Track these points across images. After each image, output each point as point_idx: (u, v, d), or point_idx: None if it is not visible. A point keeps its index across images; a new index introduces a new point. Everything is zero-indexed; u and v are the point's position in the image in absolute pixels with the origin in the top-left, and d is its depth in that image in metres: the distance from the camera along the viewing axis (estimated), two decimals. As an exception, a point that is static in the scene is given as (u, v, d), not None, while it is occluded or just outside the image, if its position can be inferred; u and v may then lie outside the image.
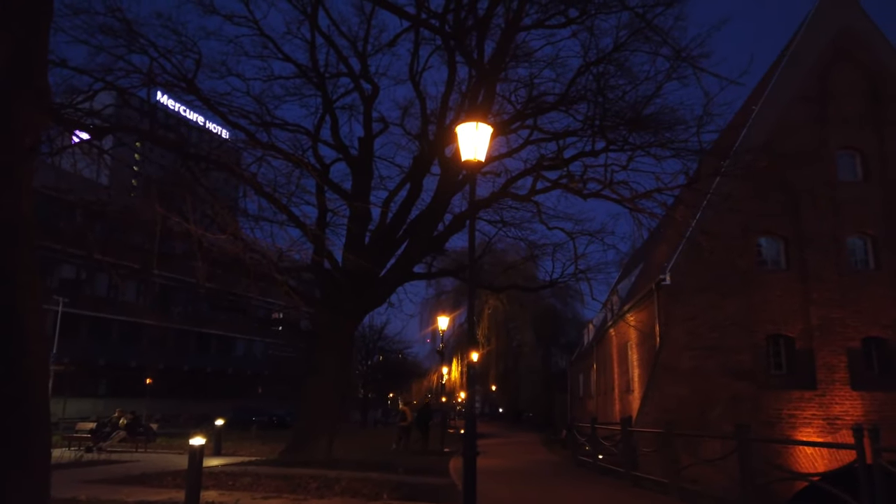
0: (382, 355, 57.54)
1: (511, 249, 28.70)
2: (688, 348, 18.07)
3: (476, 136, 8.71)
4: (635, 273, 28.57)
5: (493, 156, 16.08)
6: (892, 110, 19.52)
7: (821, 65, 19.90)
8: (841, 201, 18.92)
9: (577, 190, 14.55)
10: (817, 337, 17.93)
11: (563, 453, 21.72)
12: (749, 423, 15.84)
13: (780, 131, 19.14)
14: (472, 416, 7.78)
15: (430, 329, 47.40)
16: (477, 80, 14.86)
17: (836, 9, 20.41)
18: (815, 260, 18.43)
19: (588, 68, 14.58)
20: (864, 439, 7.46)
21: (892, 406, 17.49)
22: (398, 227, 16.64)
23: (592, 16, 13.79)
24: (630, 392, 23.05)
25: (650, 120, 14.12)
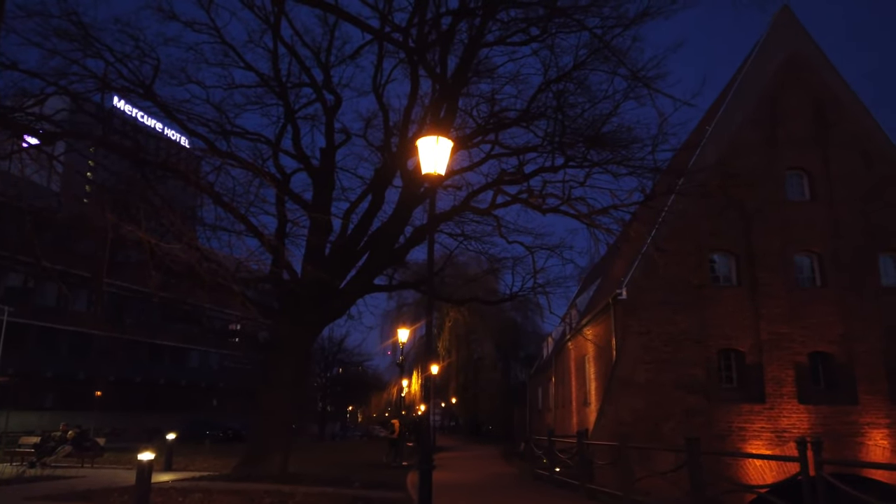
0: (342, 368, 56.98)
1: (472, 262, 28.90)
2: (643, 362, 18.41)
3: (436, 150, 8.78)
4: (593, 287, 29.05)
5: (454, 169, 16.19)
6: (837, 133, 20.40)
7: (770, 88, 20.71)
8: (789, 220, 19.63)
9: (537, 205, 14.75)
10: (766, 352, 18.49)
11: (522, 466, 21.81)
12: (701, 435, 16.21)
13: (732, 151, 19.80)
14: (429, 430, 7.78)
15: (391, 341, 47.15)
16: (440, 94, 14.97)
17: (786, 35, 21.29)
18: (765, 277, 19.05)
19: (548, 86, 14.85)
20: (808, 452, 7.66)
21: (837, 419, 18.13)
22: (359, 239, 16.57)
23: (553, 34, 14.06)
24: (587, 405, 23.33)
25: (608, 138, 14.44)
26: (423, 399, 12.46)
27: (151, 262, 8.38)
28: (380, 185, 16.69)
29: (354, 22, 10.74)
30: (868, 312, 18.87)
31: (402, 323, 33.89)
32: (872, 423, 18.12)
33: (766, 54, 21.09)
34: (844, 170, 20.03)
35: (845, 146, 20.23)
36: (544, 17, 13.68)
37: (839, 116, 20.53)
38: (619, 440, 12.61)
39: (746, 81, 20.85)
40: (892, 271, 19.87)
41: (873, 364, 18.51)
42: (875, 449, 17.94)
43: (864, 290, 19.08)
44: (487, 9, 13.38)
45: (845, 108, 20.64)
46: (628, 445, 12.17)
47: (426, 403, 8.42)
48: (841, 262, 19.32)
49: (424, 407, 49.25)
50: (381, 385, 63.07)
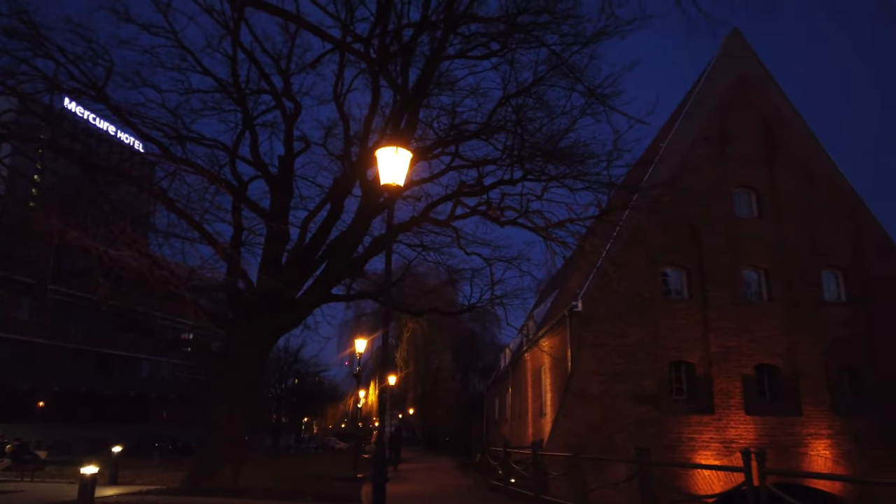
0: (298, 378, 56.13)
1: (432, 273, 28.88)
2: (597, 373, 18.70)
3: (396, 161, 8.82)
4: (550, 299, 29.38)
5: (414, 180, 16.23)
6: (783, 153, 21.23)
7: (721, 108, 21.44)
8: (738, 236, 20.29)
9: (495, 217, 14.90)
10: (715, 364, 19.01)
11: (478, 477, 21.80)
12: (652, 446, 16.55)
13: (684, 169, 20.41)
14: (382, 441, 7.74)
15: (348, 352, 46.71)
16: (401, 105, 15.02)
17: (736, 57, 22.10)
18: (715, 291, 19.61)
19: (508, 100, 15.06)
20: (752, 462, 7.87)
21: (782, 430, 18.73)
22: (317, 248, 16.42)
23: (513, 50, 14.29)
24: (543, 416, 23.53)
25: (565, 152, 14.70)
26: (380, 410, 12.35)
27: (99, 270, 8.14)
28: (339, 194, 16.60)
29: (315, 31, 10.71)
30: (811, 326, 19.60)
31: (359, 333, 33.56)
32: (815, 434, 18.78)
33: (717, 75, 21.85)
34: (790, 188, 20.84)
35: (791, 166, 21.07)
36: (504, 33, 13.90)
37: (785, 137, 21.37)
38: (573, 451, 12.78)
39: (698, 101, 21.54)
40: (834, 287, 20.72)
41: (816, 377, 19.22)
42: (818, 459, 18.58)
43: (808, 305, 19.83)
44: (449, 22, 13.52)
45: (791, 129, 21.50)
46: (581, 456, 12.35)
47: (379, 415, 8.38)
48: (786, 278, 20.04)
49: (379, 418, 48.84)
50: (338, 396, 62.31)
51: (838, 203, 20.99)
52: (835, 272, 20.72)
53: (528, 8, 13.28)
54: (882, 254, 20.60)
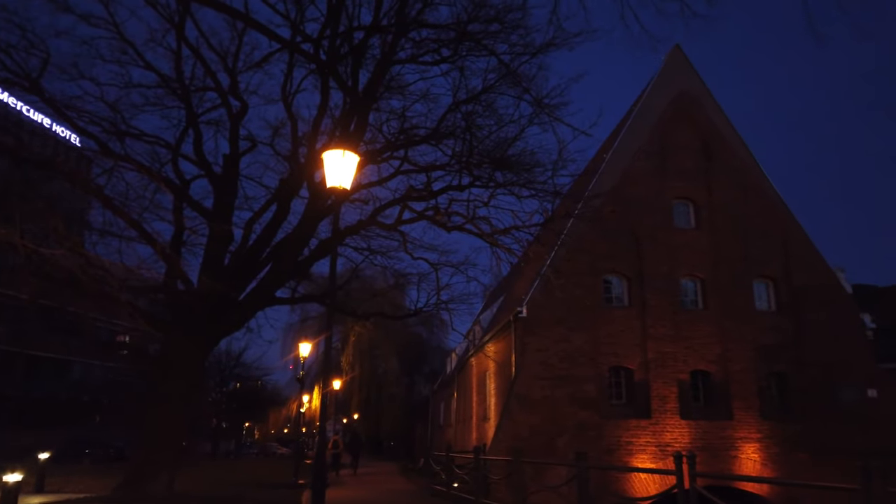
0: (239, 382, 54.83)
1: (379, 277, 28.73)
2: (540, 378, 19.01)
3: (343, 164, 8.79)
4: (496, 305, 29.70)
5: (362, 184, 16.17)
6: (719, 166, 22.11)
7: (662, 122, 22.19)
8: (676, 246, 21.01)
9: (442, 223, 14.98)
10: (653, 369, 19.60)
11: (421, 482, 21.81)
12: (592, 450, 16.93)
13: (626, 180, 21.03)
14: (322, 446, 7.68)
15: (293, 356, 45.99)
16: (350, 107, 14.94)
17: (677, 73, 22.92)
18: (654, 298, 20.24)
19: (458, 106, 15.18)
20: (683, 465, 8.15)
21: (714, 434, 19.44)
22: (261, 250, 16.13)
23: (463, 57, 14.43)
24: (486, 420, 23.73)
25: (513, 160, 14.92)
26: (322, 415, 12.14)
27: (28, 268, 7.80)
28: (285, 195, 16.37)
29: (263, 30, 10.56)
30: (743, 334, 20.44)
31: (304, 337, 33.07)
32: (745, 438, 19.57)
33: (659, 90, 22.61)
34: (725, 201, 21.72)
35: (726, 179, 21.97)
36: (455, 40, 14.04)
37: (722, 151, 22.27)
38: (515, 455, 12.93)
39: (640, 115, 22.24)
40: (765, 296, 21.68)
41: (746, 382, 20.04)
42: (747, 462, 19.36)
43: (740, 313, 20.67)
44: (399, 27, 13.55)
45: (727, 144, 22.43)
46: (522, 460, 12.50)
47: (320, 420, 8.31)
48: (720, 287, 20.85)
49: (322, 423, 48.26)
50: (281, 400, 61.20)
51: (770, 216, 22.00)
52: (765, 282, 21.69)
53: (479, 17, 13.46)
54: (808, 265, 21.69)
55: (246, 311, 15.95)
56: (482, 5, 13.25)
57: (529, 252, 15.70)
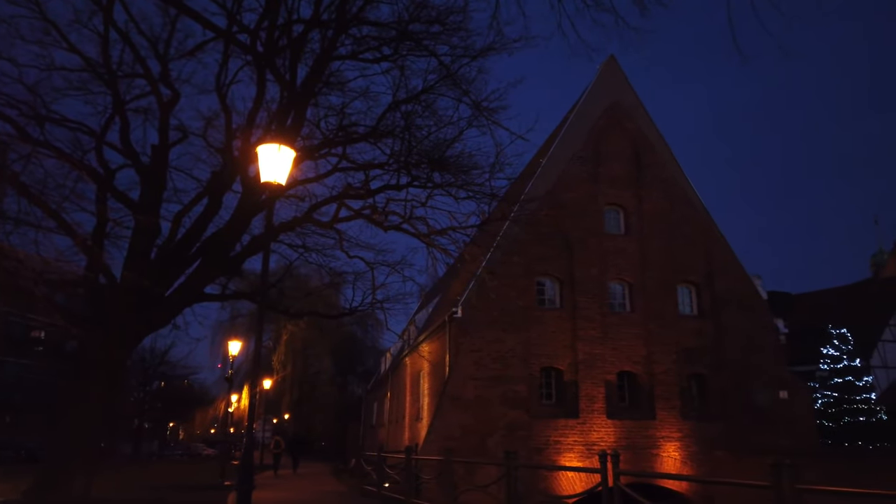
0: (164, 381, 52.82)
1: (314, 275, 28.28)
2: (473, 378, 19.20)
3: (278, 158, 8.63)
4: (432, 305, 29.79)
5: (298, 179, 15.87)
6: (649, 174, 22.94)
7: (596, 130, 22.83)
8: (606, 251, 21.65)
9: (379, 222, 14.91)
10: (582, 370, 20.12)
11: (352, 483, 21.62)
12: (521, 449, 17.22)
13: (561, 185, 21.53)
14: (250, 446, 7.52)
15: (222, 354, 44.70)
16: (287, 101, 14.64)
17: (611, 83, 23.63)
18: (584, 301, 20.79)
19: (397, 106, 15.12)
20: (608, 464, 8.41)
21: (638, 433, 20.14)
22: (190, 245, 15.57)
23: (404, 56, 14.40)
24: (419, 420, 23.77)
25: (451, 162, 14.98)
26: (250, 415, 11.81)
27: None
28: (217, 189, 15.86)
29: (197, 18, 10.24)
30: (666, 337, 21.27)
31: (234, 335, 32.27)
32: (667, 437, 20.36)
33: (593, 99, 23.27)
34: (653, 209, 22.55)
35: (655, 188, 22.81)
36: (396, 39, 14.00)
37: (651, 161, 23.12)
38: (446, 454, 13.02)
39: (575, 122, 22.81)
40: (688, 301, 22.63)
41: (668, 383, 20.86)
42: (668, 460, 20.15)
43: (664, 317, 21.50)
44: (340, 23, 13.40)
45: (656, 154, 23.29)
46: (453, 460, 12.60)
47: (248, 420, 8.12)
48: (647, 291, 21.62)
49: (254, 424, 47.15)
50: (209, 400, 59.39)
51: (694, 225, 22.99)
52: (689, 287, 22.65)
53: (420, 17, 13.47)
54: (729, 272, 22.79)
55: (172, 308, 15.37)
56: (423, 6, 13.28)
57: (465, 253, 15.84)
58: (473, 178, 14.88)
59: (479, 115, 14.45)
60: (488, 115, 13.74)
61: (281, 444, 30.13)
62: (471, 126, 14.90)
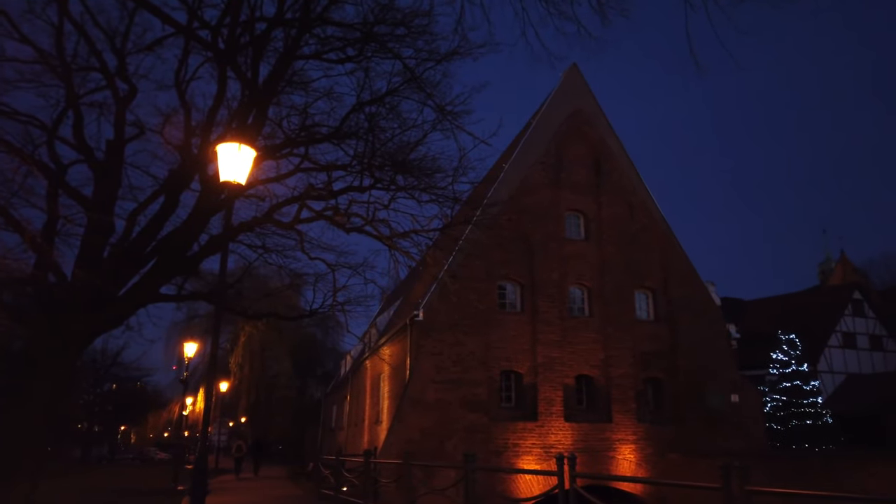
0: (116, 383, 51.34)
1: (274, 276, 27.86)
2: (433, 381, 19.21)
3: (238, 158, 8.52)
4: (393, 308, 29.69)
5: (259, 179, 15.63)
6: (609, 181, 23.36)
7: (558, 137, 23.14)
8: (566, 255, 21.95)
9: (341, 223, 14.79)
10: (541, 373, 20.33)
11: (309, 487, 21.38)
12: (480, 452, 17.29)
13: (523, 190, 21.75)
14: (204, 450, 7.38)
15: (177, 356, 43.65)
16: (249, 99, 14.41)
17: (573, 91, 23.99)
18: (544, 305, 21.01)
19: (361, 107, 15.04)
20: (565, 466, 8.52)
21: (595, 436, 20.44)
22: (146, 243, 15.17)
23: (368, 58, 14.33)
24: (379, 423, 23.65)
25: (415, 164, 14.97)
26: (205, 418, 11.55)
27: None
28: (175, 187, 15.50)
29: (156, 12, 10.02)
30: (623, 341, 21.66)
31: (191, 336, 31.59)
32: (623, 440, 20.71)
33: (556, 106, 23.59)
34: (613, 215, 22.96)
35: (614, 195, 23.23)
36: (361, 40, 13.93)
37: (611, 168, 23.54)
38: (404, 458, 12.99)
39: (538, 128, 23.08)
40: (645, 306, 23.10)
41: (625, 387, 21.24)
42: (623, 462, 20.50)
43: (622, 322, 21.89)
44: (304, 22, 13.29)
45: (616, 162, 23.73)
46: (412, 463, 12.58)
47: (202, 423, 7.97)
48: (605, 296, 21.98)
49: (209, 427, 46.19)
50: (162, 403, 57.89)
51: (652, 232, 23.49)
52: (646, 293, 23.11)
53: (385, 19, 13.44)
54: (684, 279, 23.35)
55: (125, 308, 14.95)
56: (389, 8, 13.27)
57: (427, 256, 15.85)
58: (437, 182, 14.90)
59: (443, 119, 14.48)
60: (452, 119, 13.80)
61: (242, 448, 30.52)
62: (435, 129, 14.91)
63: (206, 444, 7.67)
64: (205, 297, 18.95)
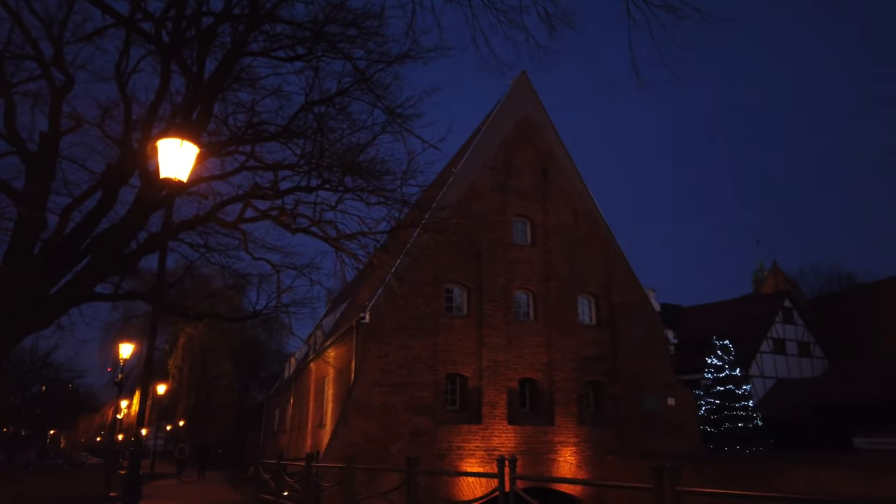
0: (45, 385, 49.07)
1: (216, 276, 27.22)
2: (378, 385, 19.14)
3: (180, 154, 8.33)
4: (340, 310, 29.45)
5: (202, 176, 15.28)
6: (555, 188, 23.80)
7: (506, 143, 23.46)
8: (513, 260, 22.24)
9: (287, 224, 14.61)
10: (486, 377, 20.51)
11: (248, 492, 20.97)
12: (424, 455, 17.33)
13: (471, 195, 21.94)
14: (137, 455, 7.16)
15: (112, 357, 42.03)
16: (193, 95, 14.06)
17: (522, 98, 24.36)
18: (490, 309, 21.23)
19: (310, 107, 14.88)
20: (505, 468, 8.64)
21: (537, 438, 20.74)
22: (81, 240, 14.61)
23: (318, 58, 14.21)
24: (322, 427, 23.40)
25: (364, 166, 14.91)
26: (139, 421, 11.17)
27: None
28: (113, 182, 14.97)
29: (96, 3, 9.67)
30: (566, 345, 22.08)
31: (127, 337, 30.53)
32: (564, 442, 21.09)
33: (505, 112, 23.90)
34: (558, 222, 23.40)
35: (560, 202, 23.69)
36: (311, 39, 13.80)
37: (558, 175, 24.00)
38: (347, 461, 12.90)
39: (487, 134, 23.33)
40: (587, 311, 23.61)
41: (567, 390, 21.65)
42: (564, 465, 20.88)
43: (565, 326, 22.32)
44: (252, 18, 13.07)
45: (563, 170, 24.21)
46: (354, 467, 12.51)
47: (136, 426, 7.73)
48: (550, 301, 22.37)
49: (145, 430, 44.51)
50: (95, 406, 55.77)
51: (595, 239, 24.05)
52: (588, 298, 23.64)
53: (336, 19, 13.35)
54: (625, 286, 23.98)
55: (57, 307, 14.37)
56: (340, 8, 13.19)
57: (375, 259, 15.81)
58: (385, 184, 14.87)
59: (393, 122, 14.47)
60: (402, 122, 13.82)
61: (185, 451, 31.41)
62: (385, 132, 14.88)
63: (141, 448, 7.45)
64: (142, 296, 18.37)
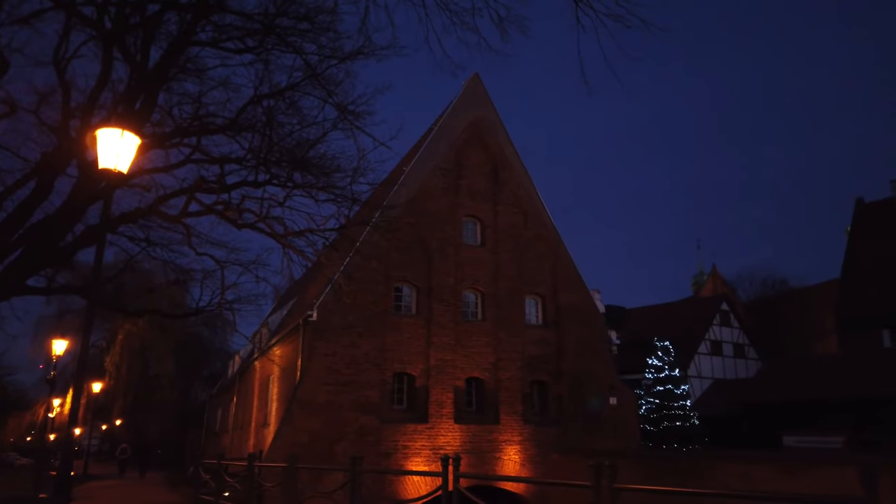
0: (-30, 383, 46.65)
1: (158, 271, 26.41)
2: (325, 383, 18.95)
3: (120, 144, 8.07)
4: (287, 308, 29.01)
5: (144, 168, 14.80)
6: (505, 190, 24.06)
7: (458, 143, 23.57)
8: (463, 261, 22.38)
9: (232, 219, 14.31)
10: (433, 376, 20.58)
11: (188, 493, 20.43)
12: (370, 454, 17.28)
13: (422, 194, 21.97)
14: (69, 456, 6.91)
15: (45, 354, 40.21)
16: (137, 83, 13.60)
17: (474, 100, 24.50)
18: (439, 309, 21.30)
19: (259, 100, 14.60)
20: (449, 467, 8.72)
21: (483, 437, 20.95)
22: (12, 231, 13.95)
23: (268, 51, 13.96)
24: (266, 426, 23.02)
25: (313, 162, 14.72)
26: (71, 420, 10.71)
27: None
28: (48, 171, 14.33)
29: (33, -17, 9.25)
30: (513, 345, 22.36)
31: (61, 333, 29.25)
32: (509, 441, 21.36)
33: (457, 113, 24.00)
34: (508, 223, 23.67)
35: (510, 204, 23.96)
36: (261, 32, 13.55)
37: (508, 178, 24.26)
38: (289, 461, 12.73)
39: (439, 135, 23.39)
40: (534, 312, 23.96)
41: (513, 389, 21.93)
42: (509, 463, 21.14)
43: (513, 326, 22.60)
44: (200, 8, 12.74)
45: (513, 172, 24.48)
46: (297, 466, 12.36)
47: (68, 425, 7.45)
48: (498, 301, 22.60)
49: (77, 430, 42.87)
50: (26, 404, 53.29)
51: (543, 240, 24.41)
52: (535, 299, 23.99)
53: (288, 12, 13.14)
54: (571, 287, 24.44)
55: (-15, 301, 13.70)
56: (292, 1, 13.00)
57: (323, 257, 15.64)
58: (335, 181, 14.73)
59: (344, 118, 14.34)
60: (353, 119, 13.73)
61: (127, 451, 32.04)
62: (336, 128, 14.73)
63: (73, 448, 7.18)
64: (77, 290, 17.72)
